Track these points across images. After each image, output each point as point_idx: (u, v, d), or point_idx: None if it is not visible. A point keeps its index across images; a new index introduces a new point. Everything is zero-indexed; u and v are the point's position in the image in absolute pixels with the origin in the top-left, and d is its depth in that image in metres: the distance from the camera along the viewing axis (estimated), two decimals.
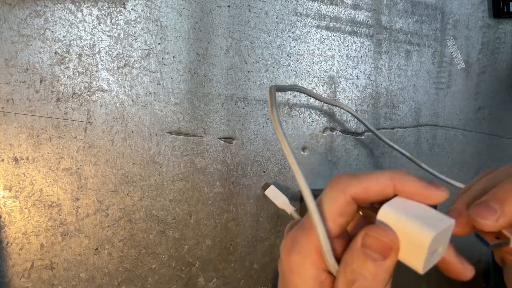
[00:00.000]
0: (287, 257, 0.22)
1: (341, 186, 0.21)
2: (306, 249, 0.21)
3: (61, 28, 0.37)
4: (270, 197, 0.43)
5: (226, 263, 0.43)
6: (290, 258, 0.21)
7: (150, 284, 0.41)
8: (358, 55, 0.49)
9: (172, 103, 0.41)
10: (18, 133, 0.36)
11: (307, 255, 0.21)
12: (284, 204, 0.43)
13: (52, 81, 0.37)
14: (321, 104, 0.47)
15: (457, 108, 0.54)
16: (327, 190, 0.22)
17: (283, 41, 0.45)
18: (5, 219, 0.36)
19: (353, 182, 0.21)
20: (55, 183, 0.37)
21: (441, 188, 0.20)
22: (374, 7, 0.50)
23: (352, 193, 0.21)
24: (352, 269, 0.20)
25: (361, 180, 0.21)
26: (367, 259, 0.19)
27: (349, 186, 0.21)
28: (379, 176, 0.21)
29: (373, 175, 0.21)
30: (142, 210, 0.40)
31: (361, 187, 0.21)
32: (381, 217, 0.21)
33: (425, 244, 0.19)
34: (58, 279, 0.38)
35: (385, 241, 0.20)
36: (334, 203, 0.21)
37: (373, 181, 0.21)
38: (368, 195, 0.21)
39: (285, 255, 0.22)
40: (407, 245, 0.20)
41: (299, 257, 0.21)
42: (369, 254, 0.19)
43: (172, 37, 0.41)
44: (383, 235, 0.20)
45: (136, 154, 0.40)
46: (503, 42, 0.57)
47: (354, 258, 0.20)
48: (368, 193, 0.21)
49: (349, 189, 0.21)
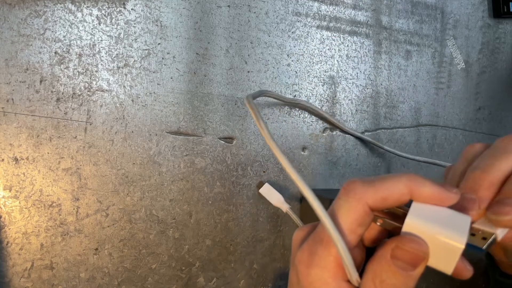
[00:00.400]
0: (306, 271, 0.21)
1: (358, 195, 0.21)
2: (326, 262, 0.21)
3: (61, 28, 0.37)
4: (265, 195, 0.43)
5: (226, 263, 0.43)
6: (310, 271, 0.21)
7: (150, 284, 0.41)
8: (358, 55, 0.49)
9: (172, 103, 0.41)
10: (18, 133, 0.36)
11: (327, 268, 0.21)
12: (279, 202, 0.43)
13: (52, 81, 0.37)
14: (321, 104, 0.47)
15: (457, 108, 0.54)
16: (342, 199, 0.21)
17: (283, 41, 0.45)
18: (5, 219, 0.36)
19: (370, 191, 0.20)
20: (55, 183, 0.37)
21: (454, 190, 0.21)
22: (374, 7, 0.50)
23: (370, 202, 0.20)
24: (381, 280, 0.20)
25: (377, 188, 0.21)
26: (398, 270, 0.19)
27: (366, 195, 0.20)
28: (396, 183, 0.21)
29: (389, 182, 0.21)
30: (142, 210, 0.40)
31: (379, 197, 0.20)
32: (407, 228, 0.20)
33: (458, 251, 0.20)
34: (58, 279, 0.38)
35: (417, 253, 0.20)
36: (352, 215, 0.21)
37: (390, 189, 0.21)
38: (386, 203, 0.21)
39: (303, 268, 0.21)
40: (437, 252, 0.20)
41: (319, 270, 0.21)
42: (400, 266, 0.20)
43: (172, 37, 0.41)
44: (415, 248, 0.20)
45: (136, 154, 0.40)
46: (503, 42, 0.57)
47: (384, 269, 0.20)
48: (386, 202, 0.21)
49: (367, 198, 0.20)
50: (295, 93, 0.46)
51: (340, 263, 0.20)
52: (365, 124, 0.49)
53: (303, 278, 0.21)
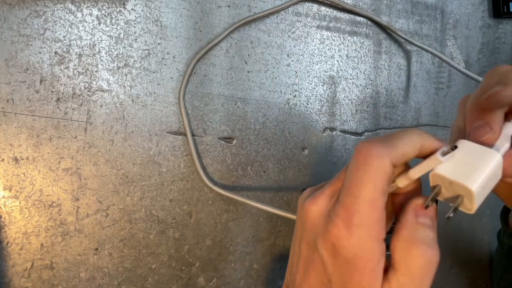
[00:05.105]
0: (347, 234, 0.21)
1: (382, 156, 0.20)
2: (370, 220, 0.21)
3: (61, 28, 0.37)
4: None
5: (226, 263, 0.43)
6: (352, 232, 0.21)
7: (150, 284, 0.41)
8: (358, 55, 0.49)
9: (172, 103, 0.41)
10: (18, 133, 0.36)
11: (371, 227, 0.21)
12: None
13: (52, 81, 0.37)
14: (321, 104, 0.47)
15: (457, 108, 0.54)
16: (367, 163, 0.21)
17: (283, 41, 0.45)
18: (5, 219, 0.36)
19: (392, 150, 0.21)
20: (55, 183, 0.37)
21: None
22: (374, 7, 0.50)
23: (394, 161, 0.21)
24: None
25: (397, 147, 0.21)
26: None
27: (390, 154, 0.21)
28: (411, 139, 0.22)
29: (405, 139, 0.21)
30: (142, 210, 0.40)
31: (400, 154, 0.21)
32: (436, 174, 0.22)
33: (494, 156, 0.22)
34: (58, 279, 0.38)
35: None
36: (381, 176, 0.21)
37: (409, 145, 0.21)
38: (404, 159, 0.22)
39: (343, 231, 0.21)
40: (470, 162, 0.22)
41: (362, 230, 0.21)
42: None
43: (172, 37, 0.41)
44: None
45: (136, 154, 0.40)
46: (503, 42, 0.57)
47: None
48: (404, 158, 0.21)
49: (391, 157, 0.21)
50: (295, 93, 0.46)
51: (381, 221, 0.21)
52: (365, 124, 0.49)
53: (341, 246, 0.21)
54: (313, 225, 0.23)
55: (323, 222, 0.22)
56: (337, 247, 0.21)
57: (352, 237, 0.20)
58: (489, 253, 0.55)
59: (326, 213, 0.22)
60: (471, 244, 0.55)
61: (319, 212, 0.23)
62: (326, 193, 0.23)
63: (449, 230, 0.54)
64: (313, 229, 0.23)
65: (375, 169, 0.20)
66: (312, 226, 0.23)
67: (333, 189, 0.23)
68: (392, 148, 0.21)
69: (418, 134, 0.22)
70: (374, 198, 0.20)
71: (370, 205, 0.20)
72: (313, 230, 0.23)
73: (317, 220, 0.23)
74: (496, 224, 0.53)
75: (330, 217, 0.22)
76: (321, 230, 0.22)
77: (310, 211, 0.23)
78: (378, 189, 0.21)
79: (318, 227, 0.23)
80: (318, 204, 0.23)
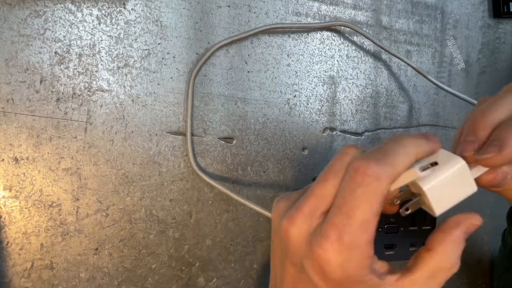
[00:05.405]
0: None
1: (379, 178, 0.20)
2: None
3: (61, 28, 0.37)
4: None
5: (226, 263, 0.43)
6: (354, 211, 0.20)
7: (150, 284, 0.41)
8: (358, 55, 0.49)
9: (172, 103, 0.41)
10: (18, 133, 0.36)
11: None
12: None
13: (52, 81, 0.37)
14: (321, 104, 0.47)
15: (457, 108, 0.54)
16: (363, 184, 0.20)
17: (283, 41, 0.45)
18: (5, 219, 0.36)
19: (389, 172, 0.20)
20: (55, 183, 0.37)
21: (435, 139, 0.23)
22: (374, 7, 0.50)
23: (390, 181, 0.20)
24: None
25: (394, 166, 0.20)
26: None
27: (387, 178, 0.20)
28: (407, 154, 0.21)
29: (402, 155, 0.21)
30: (142, 210, 0.40)
31: (396, 174, 0.20)
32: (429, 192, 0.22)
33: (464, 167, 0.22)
34: (58, 279, 0.38)
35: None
36: (378, 198, 0.20)
37: (406, 162, 0.21)
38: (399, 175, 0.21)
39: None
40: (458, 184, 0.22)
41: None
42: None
43: (172, 37, 0.41)
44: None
45: (136, 154, 0.40)
46: (503, 42, 0.57)
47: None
48: (400, 174, 0.21)
49: (388, 179, 0.20)
50: (295, 93, 0.46)
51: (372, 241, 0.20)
52: (365, 124, 0.49)
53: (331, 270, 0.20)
54: (297, 247, 0.22)
55: (306, 245, 0.21)
56: (327, 271, 0.20)
57: (342, 260, 0.20)
58: (489, 253, 0.55)
59: (309, 235, 0.22)
60: (471, 244, 0.55)
61: (300, 234, 0.22)
62: (304, 212, 0.22)
63: None
64: (297, 251, 0.22)
65: (372, 190, 0.20)
66: (295, 248, 0.22)
67: (311, 207, 0.22)
68: (390, 168, 0.20)
69: (412, 143, 0.21)
70: (368, 220, 0.20)
71: (363, 226, 0.20)
72: (297, 252, 0.22)
73: (299, 243, 0.22)
74: (496, 224, 0.53)
75: (315, 238, 0.21)
76: (307, 253, 0.21)
77: (290, 232, 0.22)
78: (373, 211, 0.20)
79: (302, 250, 0.22)
80: (298, 226, 0.22)
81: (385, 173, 0.20)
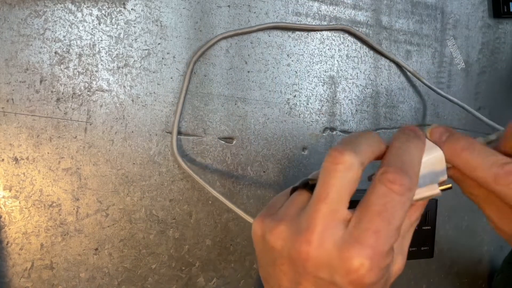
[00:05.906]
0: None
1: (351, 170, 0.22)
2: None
3: (61, 28, 0.37)
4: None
5: (226, 263, 0.43)
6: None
7: (150, 284, 0.41)
8: (358, 55, 0.49)
9: (172, 103, 0.41)
10: (18, 133, 0.36)
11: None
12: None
13: (52, 81, 0.37)
14: (321, 104, 0.47)
15: (457, 108, 0.54)
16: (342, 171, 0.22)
17: (283, 41, 0.45)
18: (5, 219, 0.36)
19: (364, 157, 0.23)
20: (55, 183, 0.37)
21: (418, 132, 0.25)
22: (374, 7, 0.50)
23: (363, 167, 0.23)
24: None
25: (365, 153, 0.23)
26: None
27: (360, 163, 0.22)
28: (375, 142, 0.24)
29: (370, 142, 0.24)
30: (142, 210, 0.40)
31: (367, 159, 0.23)
32: None
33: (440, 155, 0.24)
34: (58, 279, 0.38)
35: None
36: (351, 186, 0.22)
37: (375, 149, 0.24)
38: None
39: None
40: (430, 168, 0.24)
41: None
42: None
43: (172, 37, 0.41)
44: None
45: (136, 154, 0.40)
46: (503, 42, 0.57)
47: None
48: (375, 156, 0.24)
49: (364, 162, 0.23)
50: (295, 93, 0.46)
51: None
52: (365, 124, 0.49)
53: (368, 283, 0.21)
54: (319, 265, 0.22)
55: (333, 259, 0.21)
56: (363, 284, 0.21)
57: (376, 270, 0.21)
58: (489, 253, 0.55)
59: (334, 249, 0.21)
60: (471, 244, 0.55)
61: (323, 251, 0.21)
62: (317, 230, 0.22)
63: (449, 230, 0.54)
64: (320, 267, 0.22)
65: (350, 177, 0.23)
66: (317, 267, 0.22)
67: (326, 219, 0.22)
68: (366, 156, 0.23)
69: (377, 136, 0.25)
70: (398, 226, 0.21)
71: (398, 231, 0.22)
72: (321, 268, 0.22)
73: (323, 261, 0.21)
74: None
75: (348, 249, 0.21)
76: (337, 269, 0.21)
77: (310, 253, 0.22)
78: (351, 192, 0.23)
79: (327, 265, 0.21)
80: (317, 245, 0.21)
81: (361, 160, 0.23)
